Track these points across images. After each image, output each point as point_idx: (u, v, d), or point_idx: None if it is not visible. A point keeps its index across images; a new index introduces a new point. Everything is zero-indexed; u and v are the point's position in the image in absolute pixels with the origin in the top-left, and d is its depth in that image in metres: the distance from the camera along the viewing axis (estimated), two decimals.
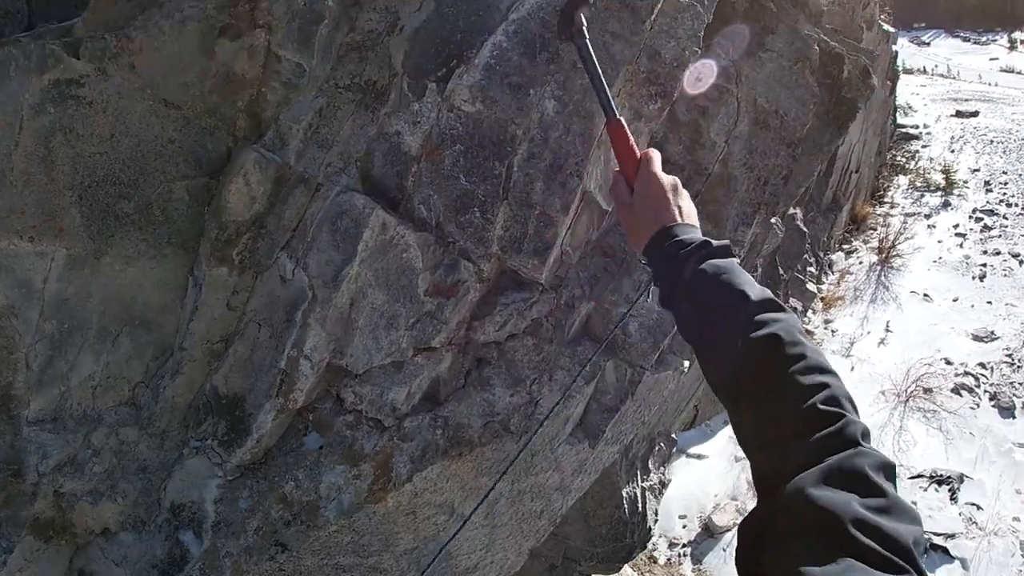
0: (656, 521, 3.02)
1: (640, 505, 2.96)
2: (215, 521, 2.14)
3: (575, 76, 1.89)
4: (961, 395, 6.77)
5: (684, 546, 5.58)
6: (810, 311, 7.56)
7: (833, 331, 7.63)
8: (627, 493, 2.85)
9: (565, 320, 2.12)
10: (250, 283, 2.16)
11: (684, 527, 5.73)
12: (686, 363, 2.47)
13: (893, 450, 6.25)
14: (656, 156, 1.26)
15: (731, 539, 5.55)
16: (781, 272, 6.12)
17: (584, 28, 1.39)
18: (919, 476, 6.01)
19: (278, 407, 2.04)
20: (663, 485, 3.07)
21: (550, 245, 1.93)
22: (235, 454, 2.11)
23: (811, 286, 7.20)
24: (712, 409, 6.30)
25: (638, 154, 1.26)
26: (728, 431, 6.40)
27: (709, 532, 5.62)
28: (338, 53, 2.16)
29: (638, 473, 2.98)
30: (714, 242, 1.07)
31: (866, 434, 0.82)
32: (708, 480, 5.99)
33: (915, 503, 5.77)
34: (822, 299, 7.87)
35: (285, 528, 2.02)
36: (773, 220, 2.81)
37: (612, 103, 1.34)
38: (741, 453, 6.24)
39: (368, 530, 2.00)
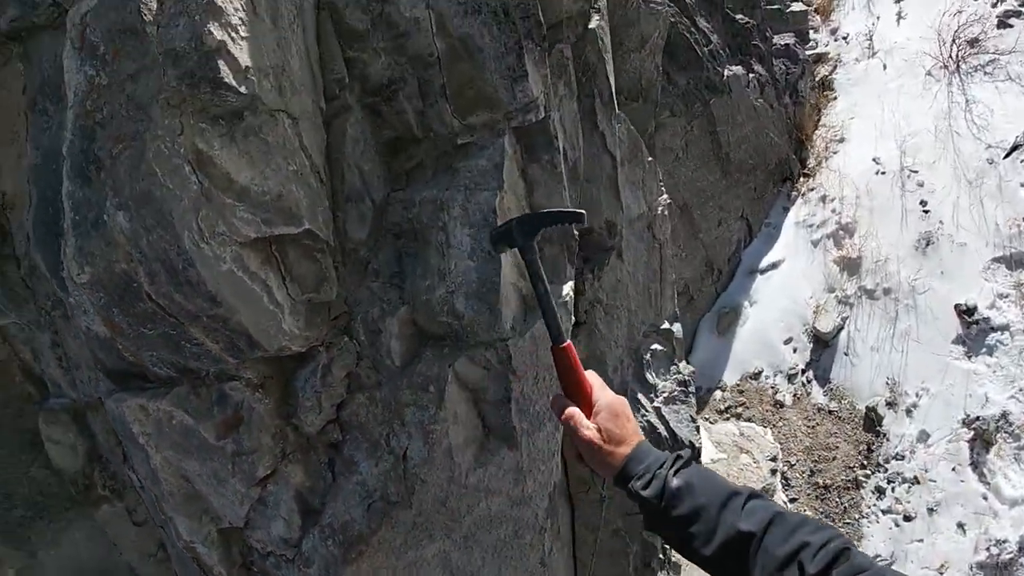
0: (697, 429, 2.45)
1: (663, 427, 2.45)
2: None
3: None
4: (1011, 25, 4.92)
5: (803, 372, 4.69)
6: (811, 32, 6.00)
7: (844, 38, 6.10)
8: (641, 425, 2.38)
9: (379, 351, 1.75)
10: None
11: (794, 351, 4.80)
12: (566, 287, 1.95)
13: (969, 131, 4.68)
14: (600, 380, 1.25)
15: (847, 341, 4.59)
16: (761, 2, 4.85)
17: (536, 244, 1.34)
18: (1016, 148, 4.48)
19: None
20: (685, 386, 2.48)
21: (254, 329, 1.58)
22: None
23: (796, 5, 5.71)
24: (760, 209, 5.26)
25: (586, 378, 1.22)
26: (793, 216, 5.29)
27: (822, 343, 4.67)
28: None
29: (640, 397, 2.47)
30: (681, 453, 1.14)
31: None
32: (796, 285, 4.92)
33: (1023, 184, 4.37)
34: (816, 10, 6.28)
35: None
36: None
37: (561, 324, 1.28)
38: (816, 235, 5.19)
39: None
